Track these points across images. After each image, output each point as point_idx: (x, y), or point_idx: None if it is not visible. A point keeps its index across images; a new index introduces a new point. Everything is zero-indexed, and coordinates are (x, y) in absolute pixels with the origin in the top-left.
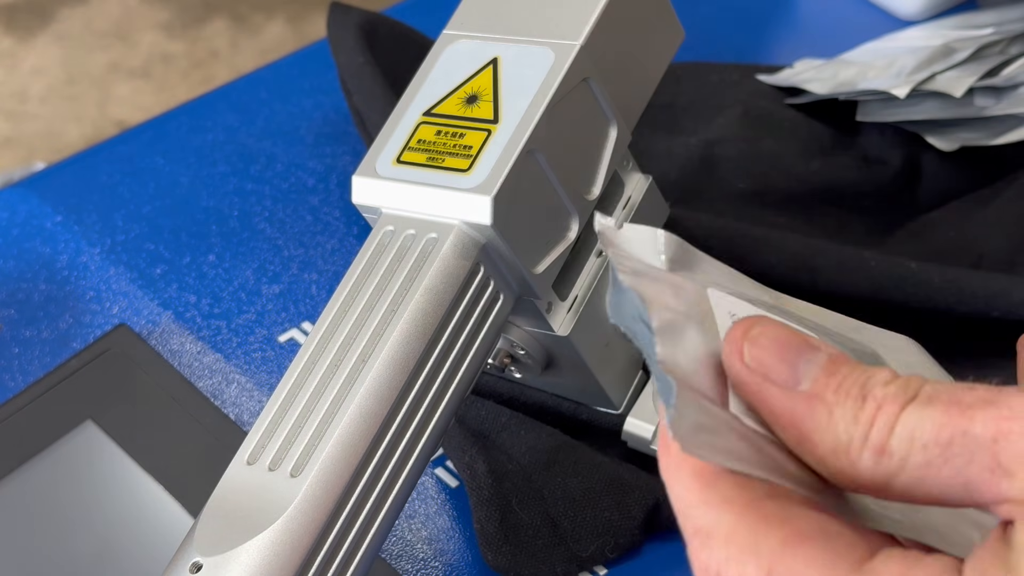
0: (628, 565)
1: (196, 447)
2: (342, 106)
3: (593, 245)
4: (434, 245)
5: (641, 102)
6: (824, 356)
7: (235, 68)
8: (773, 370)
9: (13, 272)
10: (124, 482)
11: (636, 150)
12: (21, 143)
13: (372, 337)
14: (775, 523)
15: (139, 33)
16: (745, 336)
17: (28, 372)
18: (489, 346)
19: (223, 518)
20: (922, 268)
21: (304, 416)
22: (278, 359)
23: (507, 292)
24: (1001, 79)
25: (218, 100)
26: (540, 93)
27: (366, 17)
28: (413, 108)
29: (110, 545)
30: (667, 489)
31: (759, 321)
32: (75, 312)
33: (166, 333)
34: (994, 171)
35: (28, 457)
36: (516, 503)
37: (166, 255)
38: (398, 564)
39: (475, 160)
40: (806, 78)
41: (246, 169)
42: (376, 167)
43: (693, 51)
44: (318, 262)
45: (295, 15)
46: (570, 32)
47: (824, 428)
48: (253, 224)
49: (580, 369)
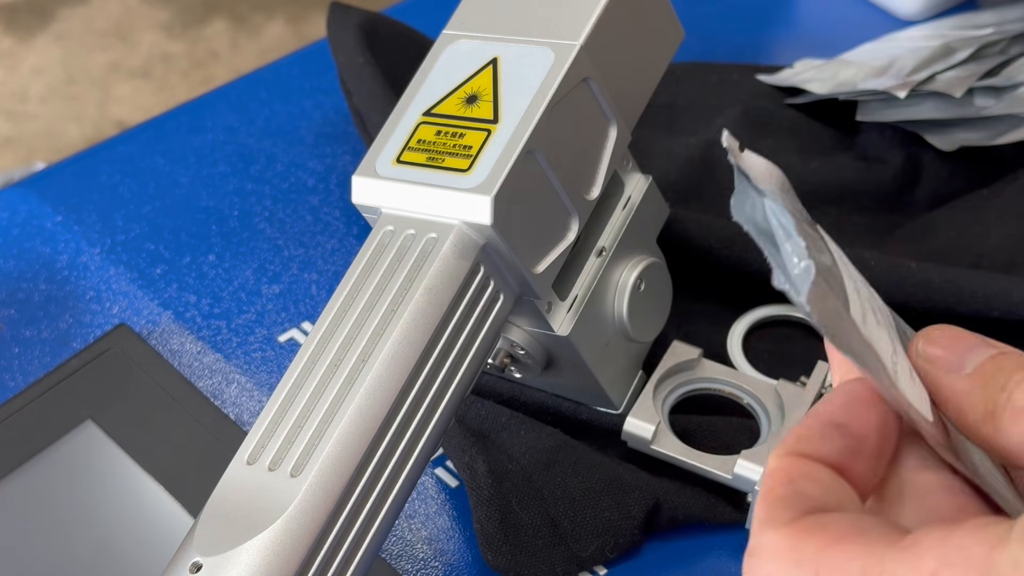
0: (628, 565)
1: (196, 447)
2: (342, 106)
3: (593, 245)
4: (434, 245)
5: (641, 102)
6: (994, 350)
7: (235, 68)
8: (942, 359)
9: (13, 272)
10: (124, 482)
11: (636, 150)
12: (21, 143)
13: (372, 337)
14: (813, 532)
15: (139, 33)
16: (923, 335)
17: (28, 372)
18: (489, 346)
19: (223, 518)
20: (922, 268)
21: (304, 416)
22: (278, 359)
23: (507, 292)
24: (1001, 79)
25: (218, 100)
26: (540, 93)
27: (366, 17)
28: (413, 108)
29: (110, 545)
30: None
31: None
32: (75, 312)
33: (166, 333)
34: (994, 171)
35: (28, 457)
36: (516, 503)
37: (166, 255)
38: (398, 564)
39: (475, 160)
40: (806, 78)
41: (246, 169)
42: (376, 167)
43: (693, 51)
44: (318, 262)
45: (295, 15)
46: (570, 32)
47: (977, 401)
48: (253, 224)
49: (580, 369)
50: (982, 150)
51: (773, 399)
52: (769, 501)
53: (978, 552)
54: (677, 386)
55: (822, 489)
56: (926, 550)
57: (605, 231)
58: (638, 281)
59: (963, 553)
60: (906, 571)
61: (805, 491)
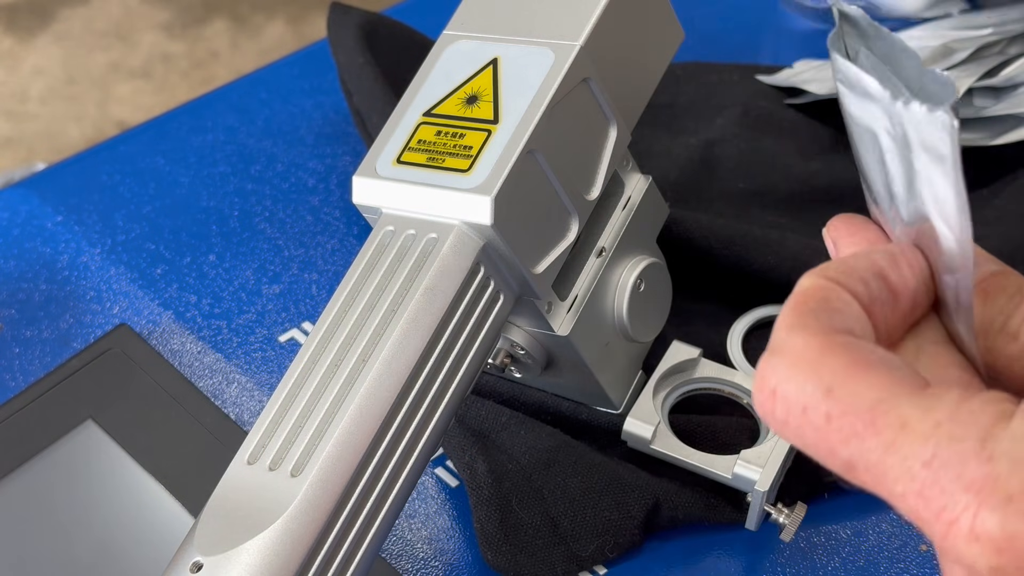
0: (628, 565)
1: (196, 447)
2: (342, 106)
3: (593, 245)
4: (434, 245)
5: (641, 102)
6: (996, 267)
7: (235, 68)
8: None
9: (14, 272)
10: (124, 482)
11: (636, 150)
12: (21, 143)
13: (372, 337)
14: (842, 350)
15: (139, 33)
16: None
17: (29, 372)
18: (489, 346)
19: (224, 518)
20: None
21: (304, 416)
22: (278, 359)
23: (507, 292)
24: (1000, 79)
25: (218, 100)
26: (540, 93)
27: (366, 17)
28: (413, 108)
29: (110, 545)
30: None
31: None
32: (76, 312)
33: (166, 333)
34: (994, 171)
35: (28, 457)
36: (516, 503)
37: (166, 255)
38: (398, 564)
39: (475, 160)
40: (806, 78)
41: (246, 169)
42: (376, 167)
43: (693, 51)
44: (318, 262)
45: (295, 16)
46: (570, 32)
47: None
48: (253, 224)
49: (580, 369)
50: (982, 150)
51: None
52: (801, 310)
53: (985, 419)
54: (677, 386)
55: (854, 317)
56: (940, 402)
57: (605, 231)
58: (638, 281)
59: (972, 417)
60: (917, 415)
61: (840, 310)
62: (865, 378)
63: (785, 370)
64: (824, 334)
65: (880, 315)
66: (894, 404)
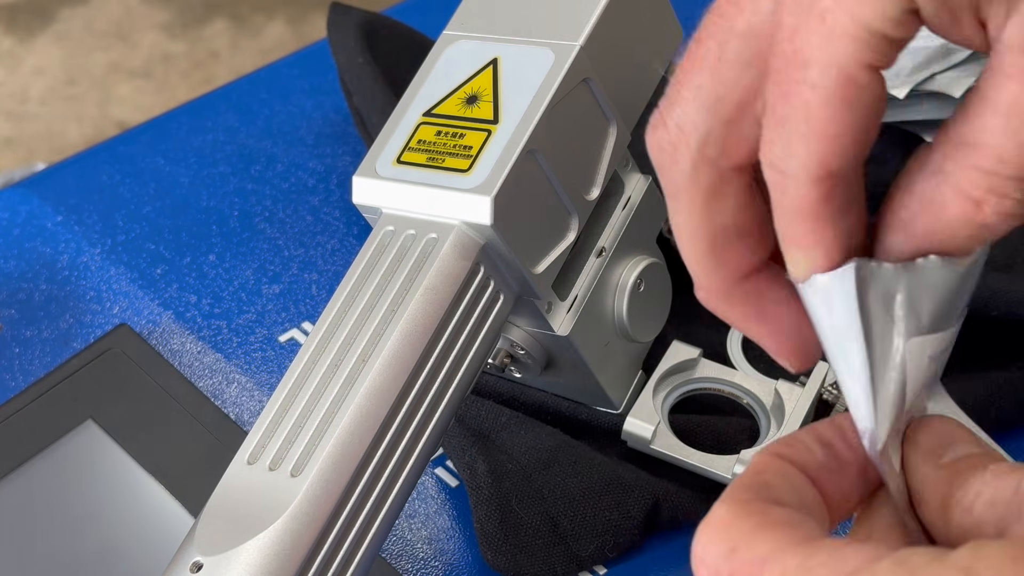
0: (628, 565)
1: (196, 447)
2: (342, 106)
3: (593, 245)
4: (434, 245)
5: (641, 102)
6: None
7: (235, 68)
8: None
9: (14, 272)
10: (124, 482)
11: (636, 150)
12: (21, 143)
13: (372, 337)
14: (753, 514)
15: (139, 33)
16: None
17: (29, 372)
18: (489, 346)
19: (224, 518)
20: None
21: (304, 416)
22: (278, 359)
23: (507, 292)
24: None
25: (218, 100)
26: (540, 93)
27: (366, 17)
28: (413, 108)
29: (110, 545)
30: None
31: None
32: (76, 312)
33: (166, 333)
34: None
35: (28, 457)
36: (516, 503)
37: (166, 255)
38: (398, 564)
39: (475, 160)
40: None
41: (246, 169)
42: (376, 167)
43: None
44: (318, 262)
45: (295, 16)
46: (570, 32)
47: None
48: (253, 224)
49: (580, 369)
50: None
51: (773, 399)
52: (735, 484)
53: (854, 562)
54: (677, 386)
55: (788, 487)
56: (820, 550)
57: (605, 231)
58: (638, 281)
59: (844, 561)
60: (796, 561)
61: (768, 483)
62: (764, 536)
63: (703, 537)
64: (743, 502)
65: (831, 482)
66: (780, 555)
